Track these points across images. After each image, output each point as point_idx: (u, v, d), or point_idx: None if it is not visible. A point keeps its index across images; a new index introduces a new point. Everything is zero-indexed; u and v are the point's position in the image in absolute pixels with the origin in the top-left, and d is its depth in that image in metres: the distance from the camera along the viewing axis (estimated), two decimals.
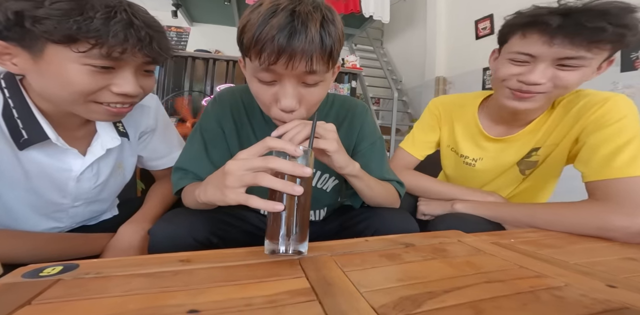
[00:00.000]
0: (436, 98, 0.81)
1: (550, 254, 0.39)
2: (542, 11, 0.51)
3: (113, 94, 0.45)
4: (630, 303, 0.25)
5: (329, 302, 0.24)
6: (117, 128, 0.58)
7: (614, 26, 0.46)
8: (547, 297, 0.26)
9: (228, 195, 0.33)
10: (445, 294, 0.26)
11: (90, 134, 0.55)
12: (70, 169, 0.52)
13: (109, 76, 0.43)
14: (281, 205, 0.31)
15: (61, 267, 0.29)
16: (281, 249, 0.32)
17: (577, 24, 0.47)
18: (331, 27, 0.38)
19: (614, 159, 0.50)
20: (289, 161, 0.32)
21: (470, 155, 0.73)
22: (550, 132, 0.62)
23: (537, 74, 0.52)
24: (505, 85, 0.58)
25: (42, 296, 0.24)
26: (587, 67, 0.51)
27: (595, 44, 0.48)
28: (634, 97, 1.62)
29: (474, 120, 0.72)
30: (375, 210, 0.56)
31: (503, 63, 0.58)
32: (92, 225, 0.65)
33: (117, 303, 0.24)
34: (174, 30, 2.52)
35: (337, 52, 0.41)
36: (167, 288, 0.26)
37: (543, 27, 0.50)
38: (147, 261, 0.32)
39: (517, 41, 0.55)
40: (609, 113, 0.53)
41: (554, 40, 0.49)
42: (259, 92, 0.44)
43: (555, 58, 0.51)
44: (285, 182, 0.31)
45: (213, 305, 0.24)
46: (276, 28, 0.35)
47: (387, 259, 0.34)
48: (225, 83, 2.49)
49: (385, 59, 4.03)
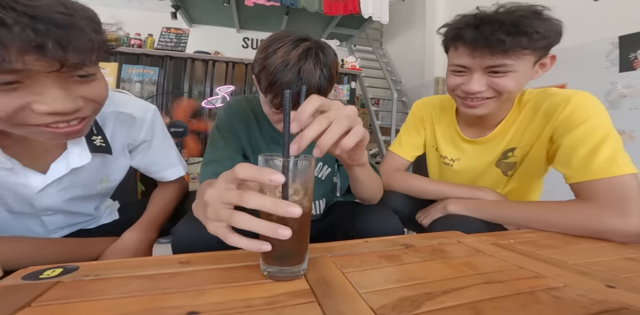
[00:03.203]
0: (419, 100, 0.84)
1: (550, 254, 0.39)
2: (461, 24, 0.55)
3: (39, 114, 0.36)
4: (629, 303, 0.25)
5: (328, 304, 0.25)
6: (92, 142, 0.51)
7: (511, 36, 0.49)
8: (546, 297, 0.26)
9: (209, 227, 0.29)
10: (445, 295, 0.26)
11: (60, 148, 0.50)
12: (29, 185, 0.47)
13: (21, 93, 0.34)
14: (268, 246, 0.27)
15: (61, 270, 0.29)
16: (277, 272, 0.29)
17: (484, 37, 0.51)
18: (326, 73, 0.51)
19: (592, 160, 0.51)
20: (269, 198, 0.25)
21: (449, 155, 0.75)
22: (522, 132, 0.64)
23: (474, 83, 0.56)
24: (455, 94, 0.62)
25: (42, 298, 0.24)
26: (516, 71, 0.54)
27: (508, 53, 0.51)
28: (634, 96, 1.62)
29: (453, 123, 0.74)
30: (363, 209, 0.60)
31: (448, 74, 0.62)
32: (91, 228, 0.65)
33: (117, 305, 0.24)
34: (173, 31, 2.53)
35: (331, 87, 0.54)
36: (166, 290, 0.26)
37: (463, 41, 0.54)
38: (146, 263, 0.32)
39: (452, 53, 0.59)
40: (575, 113, 0.54)
41: (474, 52, 0.54)
42: (271, 114, 0.58)
43: (482, 67, 0.55)
44: (268, 225, 0.26)
45: (212, 306, 0.24)
46: (286, 84, 0.48)
47: (386, 260, 0.35)
48: (225, 84, 2.49)
49: (385, 60, 4.03)
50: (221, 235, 0.28)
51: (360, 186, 0.53)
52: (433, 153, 0.82)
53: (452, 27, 0.58)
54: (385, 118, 3.56)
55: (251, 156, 0.66)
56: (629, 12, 1.65)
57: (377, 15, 2.93)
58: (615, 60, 1.68)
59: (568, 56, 1.88)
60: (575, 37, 1.85)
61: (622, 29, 1.66)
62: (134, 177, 0.84)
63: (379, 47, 4.31)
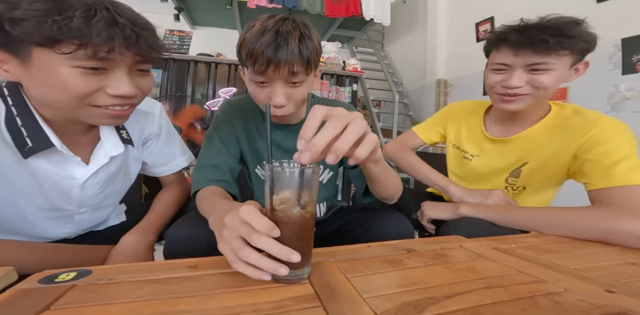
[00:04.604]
0: (456, 102, 0.91)
1: (551, 259, 0.39)
2: (506, 29, 0.63)
3: (109, 96, 0.44)
4: (628, 308, 0.26)
5: (333, 308, 0.25)
6: (120, 135, 0.58)
7: (555, 37, 0.57)
8: (545, 302, 0.27)
9: (219, 245, 0.32)
10: (447, 300, 0.27)
11: (94, 141, 0.55)
12: (73, 177, 0.52)
13: (102, 78, 0.43)
14: (268, 276, 0.29)
15: (75, 273, 0.30)
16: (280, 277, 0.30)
17: (529, 38, 0.59)
18: (308, 42, 0.50)
19: (614, 170, 0.54)
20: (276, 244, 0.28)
21: (469, 151, 0.81)
22: (543, 147, 0.67)
23: (515, 78, 0.62)
24: (494, 91, 0.68)
25: (60, 302, 0.25)
26: (555, 70, 0.60)
27: (550, 51, 0.58)
28: (636, 99, 1.62)
29: (479, 123, 0.80)
30: (374, 213, 0.60)
31: (488, 73, 0.69)
32: (100, 230, 0.66)
33: (131, 309, 0.25)
34: (176, 34, 2.54)
35: (314, 60, 0.52)
36: (176, 294, 0.27)
37: (507, 42, 0.62)
38: (156, 267, 0.33)
39: (495, 54, 0.67)
40: (603, 132, 0.59)
41: (518, 52, 0.61)
42: (256, 93, 0.55)
43: (524, 65, 0.61)
44: (267, 262, 0.28)
45: (222, 311, 0.25)
46: (265, 45, 0.47)
47: (389, 265, 0.35)
48: (228, 86, 2.51)
49: (386, 62, 4.04)
50: (229, 259, 0.31)
51: (377, 183, 0.52)
52: (453, 151, 0.86)
53: (497, 32, 0.65)
54: (387, 120, 3.56)
55: (248, 156, 0.67)
56: (631, 14, 1.65)
57: (378, 17, 2.94)
58: (618, 62, 1.68)
59: None
60: None
61: (624, 32, 1.66)
62: (139, 180, 0.85)
63: (381, 48, 4.32)
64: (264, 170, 0.32)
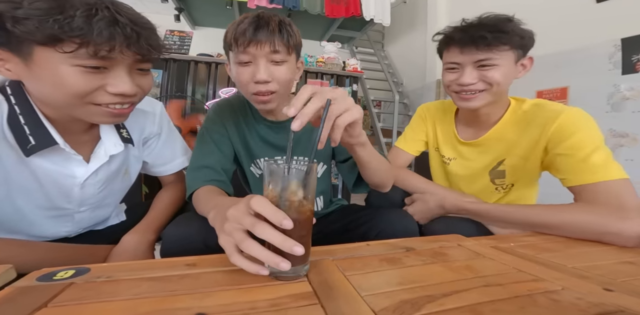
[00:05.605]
0: (423, 104, 0.91)
1: (549, 257, 0.39)
2: (451, 30, 0.67)
3: (110, 94, 0.44)
4: (626, 306, 0.26)
5: (331, 306, 0.25)
6: (120, 134, 0.58)
7: (491, 33, 0.60)
8: (543, 300, 0.27)
9: (220, 239, 0.33)
10: (445, 298, 0.27)
11: (94, 140, 0.56)
12: (74, 175, 0.53)
13: (102, 76, 0.43)
14: (266, 271, 0.29)
15: (73, 271, 0.30)
16: (280, 272, 0.30)
17: (470, 35, 0.62)
18: (287, 27, 0.55)
19: (588, 164, 0.55)
20: (279, 235, 0.29)
21: (446, 155, 0.82)
22: (517, 142, 0.68)
23: (467, 76, 0.65)
24: (451, 90, 0.70)
25: (58, 299, 0.25)
26: (502, 65, 0.63)
27: (491, 47, 0.61)
28: (636, 99, 1.62)
29: (451, 125, 0.81)
30: (379, 211, 0.61)
31: (443, 73, 0.71)
32: (100, 230, 0.66)
33: (129, 306, 0.25)
34: (176, 34, 2.55)
35: (295, 44, 0.57)
36: (174, 291, 0.27)
37: (454, 41, 0.66)
38: (154, 265, 0.34)
39: (446, 54, 0.70)
40: (565, 126, 0.60)
41: (463, 49, 0.64)
42: (240, 74, 0.57)
43: (472, 62, 0.64)
44: (269, 255, 0.29)
45: (219, 308, 0.25)
46: (247, 24, 0.53)
47: (387, 263, 0.35)
48: (228, 87, 2.51)
49: (386, 62, 4.04)
50: (228, 252, 0.31)
51: (367, 168, 0.53)
52: (434, 153, 0.86)
53: (444, 33, 0.69)
54: (387, 120, 3.56)
55: (242, 155, 0.67)
56: (631, 14, 1.65)
57: (378, 18, 2.94)
58: (618, 62, 1.68)
59: (570, 58, 1.87)
60: (577, 39, 1.84)
61: (624, 31, 1.66)
62: (139, 180, 0.85)
63: (381, 49, 4.32)
64: (261, 167, 0.32)
